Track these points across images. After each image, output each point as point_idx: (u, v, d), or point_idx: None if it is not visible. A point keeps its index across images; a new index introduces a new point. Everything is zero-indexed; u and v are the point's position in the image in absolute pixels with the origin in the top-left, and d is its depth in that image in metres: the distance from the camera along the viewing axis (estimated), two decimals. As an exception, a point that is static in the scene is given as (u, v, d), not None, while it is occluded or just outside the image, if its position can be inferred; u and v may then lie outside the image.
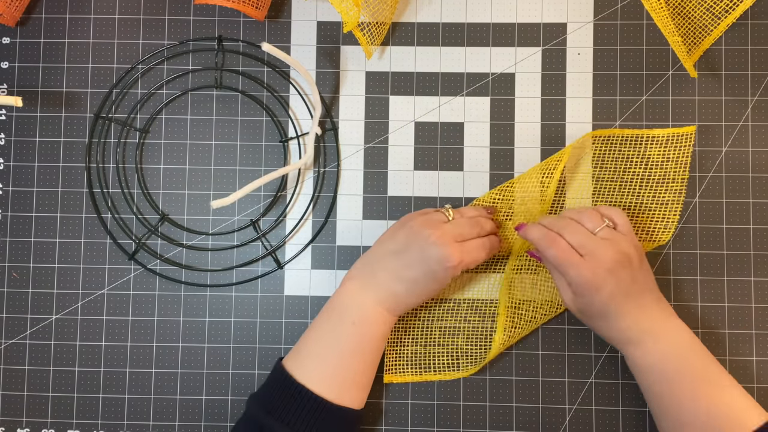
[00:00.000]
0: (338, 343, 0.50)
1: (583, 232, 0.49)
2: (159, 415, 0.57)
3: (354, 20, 0.53)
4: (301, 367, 0.49)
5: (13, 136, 0.58)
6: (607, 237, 0.49)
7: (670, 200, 0.56)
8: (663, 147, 0.56)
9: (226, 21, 0.59)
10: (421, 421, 0.56)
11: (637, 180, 0.56)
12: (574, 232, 0.49)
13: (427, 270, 0.50)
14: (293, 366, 0.50)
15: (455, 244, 0.50)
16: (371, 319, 0.50)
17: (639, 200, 0.56)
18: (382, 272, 0.51)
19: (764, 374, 0.56)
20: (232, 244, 0.58)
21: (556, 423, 0.56)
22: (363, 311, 0.50)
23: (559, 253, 0.49)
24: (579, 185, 0.57)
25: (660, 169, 0.56)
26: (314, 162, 0.58)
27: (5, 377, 0.57)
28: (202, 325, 0.57)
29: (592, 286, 0.48)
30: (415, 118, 0.58)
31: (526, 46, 0.58)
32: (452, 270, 0.50)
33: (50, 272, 0.58)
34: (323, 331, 0.51)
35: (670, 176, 0.56)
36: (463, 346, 0.56)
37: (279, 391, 0.49)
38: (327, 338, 0.50)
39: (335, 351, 0.49)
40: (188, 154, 0.58)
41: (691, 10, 0.57)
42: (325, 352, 0.50)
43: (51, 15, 0.59)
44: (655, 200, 0.56)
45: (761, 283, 0.56)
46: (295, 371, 0.49)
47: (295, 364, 0.50)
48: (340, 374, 0.49)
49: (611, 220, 0.50)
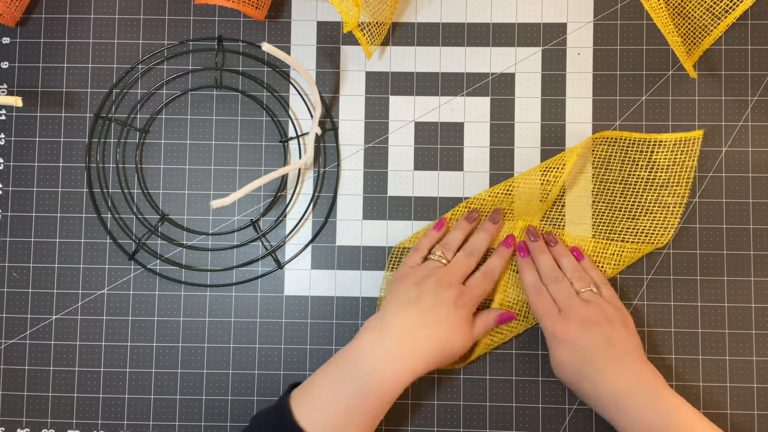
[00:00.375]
0: (345, 392, 0.47)
1: (567, 289, 0.52)
2: (159, 415, 0.57)
3: (354, 20, 0.53)
4: (305, 406, 0.48)
5: (13, 136, 0.58)
6: (588, 299, 0.52)
7: (672, 203, 0.55)
8: (670, 152, 0.55)
9: (226, 21, 0.59)
10: (421, 421, 0.56)
11: (641, 183, 0.56)
12: (558, 287, 0.53)
13: (443, 315, 0.50)
14: (298, 403, 0.48)
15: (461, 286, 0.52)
16: (384, 375, 0.47)
17: (641, 202, 0.56)
18: (398, 321, 0.49)
19: (764, 374, 0.56)
20: (232, 244, 0.58)
21: (556, 423, 0.56)
22: (376, 364, 0.48)
23: (540, 303, 0.52)
24: (580, 186, 0.57)
25: (665, 172, 0.55)
26: (314, 162, 0.58)
27: (5, 377, 0.57)
28: (202, 325, 0.57)
29: (562, 340, 0.50)
30: (415, 118, 0.58)
31: (526, 46, 0.58)
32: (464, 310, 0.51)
33: (50, 272, 0.58)
34: (333, 376, 0.48)
35: (675, 179, 0.55)
36: None
37: (278, 425, 0.48)
38: (335, 385, 0.48)
39: (341, 400, 0.47)
40: (188, 154, 0.58)
41: (691, 10, 0.57)
42: (330, 398, 0.47)
43: (51, 15, 0.59)
44: (657, 202, 0.56)
45: (761, 283, 0.56)
46: (297, 409, 0.47)
47: (300, 402, 0.48)
48: (339, 424, 0.47)
49: (597, 286, 0.53)
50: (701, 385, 0.56)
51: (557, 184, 0.54)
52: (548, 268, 0.54)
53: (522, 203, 0.56)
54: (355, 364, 0.48)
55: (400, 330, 0.49)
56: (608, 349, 0.49)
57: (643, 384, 0.48)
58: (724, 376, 0.56)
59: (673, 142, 0.55)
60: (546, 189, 0.54)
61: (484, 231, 0.55)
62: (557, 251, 0.55)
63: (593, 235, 0.56)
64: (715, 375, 0.56)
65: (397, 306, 0.50)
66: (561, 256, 0.54)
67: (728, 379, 0.56)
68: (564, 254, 0.55)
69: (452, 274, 0.52)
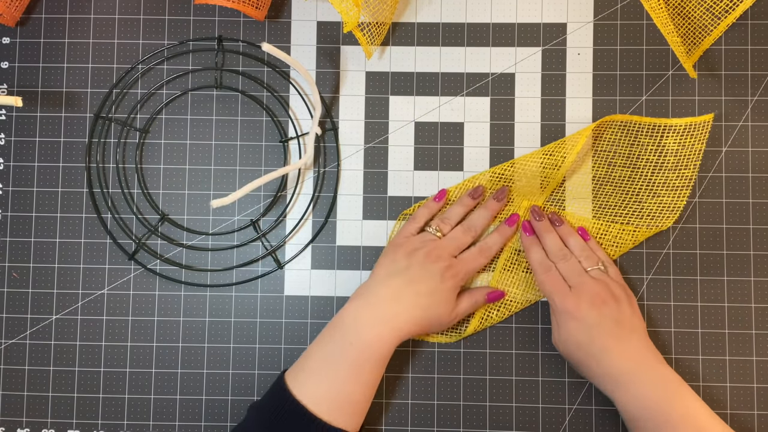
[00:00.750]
0: (336, 362, 0.49)
1: (576, 266, 0.53)
2: (159, 415, 0.57)
3: (354, 20, 0.53)
4: (299, 382, 0.49)
5: (13, 136, 0.58)
6: (598, 277, 0.52)
7: (680, 185, 0.55)
8: (680, 136, 0.55)
9: (226, 21, 0.59)
10: (421, 421, 0.56)
11: (650, 166, 0.56)
12: (567, 265, 0.53)
13: (429, 287, 0.51)
14: (293, 380, 0.49)
15: (451, 258, 0.53)
16: (369, 339, 0.49)
17: (648, 186, 0.56)
18: (383, 289, 0.51)
19: (764, 374, 0.56)
20: (232, 244, 0.58)
21: (556, 423, 0.56)
22: (361, 330, 0.49)
23: (550, 280, 0.52)
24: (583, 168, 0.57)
25: (674, 156, 0.55)
26: (314, 162, 0.58)
27: (5, 377, 0.57)
28: (202, 325, 0.57)
29: (572, 317, 0.51)
30: (415, 118, 0.58)
31: (526, 46, 0.58)
32: (451, 282, 0.51)
33: (50, 272, 0.58)
34: (324, 348, 0.50)
35: (683, 162, 0.55)
36: None
37: (277, 406, 0.49)
38: (326, 356, 0.49)
39: (332, 370, 0.49)
40: (188, 154, 0.58)
41: (691, 10, 0.57)
42: (323, 370, 0.49)
43: (51, 15, 0.59)
44: (665, 185, 0.56)
45: (761, 283, 0.56)
46: (293, 386, 0.49)
47: (295, 379, 0.49)
48: (335, 395, 0.48)
49: (604, 265, 0.53)
50: (701, 385, 0.56)
51: (562, 167, 0.54)
52: (555, 247, 0.54)
53: (524, 184, 0.56)
54: (343, 333, 0.50)
55: (385, 298, 0.50)
56: (615, 329, 0.50)
57: (646, 364, 0.49)
58: (724, 376, 0.56)
59: (683, 126, 0.55)
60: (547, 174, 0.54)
61: (486, 209, 0.55)
62: (563, 231, 0.55)
63: (598, 218, 0.56)
64: (715, 375, 0.56)
65: (386, 275, 0.52)
66: (567, 236, 0.55)
67: (728, 379, 0.56)
68: (570, 234, 0.55)
69: (444, 247, 0.53)
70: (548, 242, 0.54)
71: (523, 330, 0.57)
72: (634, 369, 0.49)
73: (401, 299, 0.50)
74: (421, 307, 0.50)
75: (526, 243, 0.55)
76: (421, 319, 0.50)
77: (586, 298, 0.51)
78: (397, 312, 0.50)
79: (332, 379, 0.48)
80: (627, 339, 0.50)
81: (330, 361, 0.49)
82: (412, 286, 0.51)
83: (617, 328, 0.50)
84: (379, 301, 0.50)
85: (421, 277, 0.51)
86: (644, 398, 0.48)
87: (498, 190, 0.56)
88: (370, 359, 0.49)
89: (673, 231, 0.57)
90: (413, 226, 0.55)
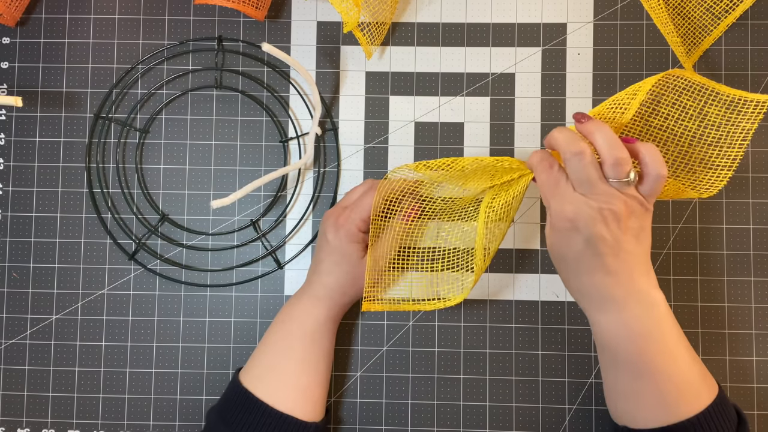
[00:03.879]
0: (276, 347, 0.52)
1: (592, 174, 0.44)
2: (159, 415, 0.57)
3: (354, 20, 0.53)
4: (250, 375, 0.51)
5: (13, 136, 0.58)
6: (619, 189, 0.44)
7: (720, 164, 0.49)
8: (726, 108, 0.49)
9: (226, 21, 0.59)
10: (421, 421, 0.56)
11: (688, 135, 0.50)
12: (579, 169, 0.44)
13: (328, 250, 0.52)
14: (245, 375, 0.51)
15: (341, 212, 0.53)
16: (303, 314, 0.52)
17: (684, 159, 0.50)
18: (308, 270, 0.55)
19: (764, 374, 0.56)
20: (232, 244, 0.58)
21: (556, 423, 0.56)
22: (296, 308, 0.52)
23: (547, 178, 0.45)
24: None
25: (716, 130, 0.49)
26: (314, 162, 0.58)
27: (5, 377, 0.57)
28: (202, 325, 0.57)
29: (571, 224, 0.44)
30: (415, 118, 0.58)
31: (526, 46, 0.58)
32: (342, 231, 0.51)
33: (50, 272, 0.58)
34: (267, 338, 0.53)
35: (727, 140, 0.49)
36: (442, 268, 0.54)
37: (232, 401, 0.50)
38: (269, 345, 0.52)
39: (276, 356, 0.51)
40: (188, 154, 0.58)
41: (691, 10, 0.57)
42: (268, 358, 0.52)
43: (51, 15, 0.59)
44: (702, 162, 0.50)
45: (761, 283, 0.56)
46: (246, 381, 0.51)
47: (246, 373, 0.52)
48: (282, 381, 0.50)
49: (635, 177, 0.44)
50: (701, 385, 0.56)
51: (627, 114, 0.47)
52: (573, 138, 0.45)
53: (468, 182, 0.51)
54: (283, 319, 0.53)
55: (308, 275, 0.54)
56: (616, 245, 0.44)
57: (637, 297, 0.45)
58: (724, 376, 0.56)
59: (730, 98, 0.49)
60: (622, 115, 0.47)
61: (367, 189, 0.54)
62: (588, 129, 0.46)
63: None
64: (716, 375, 0.56)
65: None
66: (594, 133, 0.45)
67: (728, 379, 0.56)
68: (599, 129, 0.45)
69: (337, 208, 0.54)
70: (564, 133, 0.46)
71: (523, 330, 0.57)
72: (624, 298, 0.44)
73: (315, 271, 0.53)
74: (326, 272, 0.52)
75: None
76: (334, 283, 0.52)
77: (592, 206, 0.43)
78: (312, 282, 0.53)
79: (275, 364, 0.51)
80: (625, 259, 0.44)
81: (273, 347, 0.52)
82: (319, 256, 0.53)
83: (617, 246, 0.44)
84: (307, 280, 0.54)
85: (322, 245, 0.53)
86: (624, 327, 0.44)
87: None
88: (306, 334, 0.51)
89: (673, 231, 0.57)
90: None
